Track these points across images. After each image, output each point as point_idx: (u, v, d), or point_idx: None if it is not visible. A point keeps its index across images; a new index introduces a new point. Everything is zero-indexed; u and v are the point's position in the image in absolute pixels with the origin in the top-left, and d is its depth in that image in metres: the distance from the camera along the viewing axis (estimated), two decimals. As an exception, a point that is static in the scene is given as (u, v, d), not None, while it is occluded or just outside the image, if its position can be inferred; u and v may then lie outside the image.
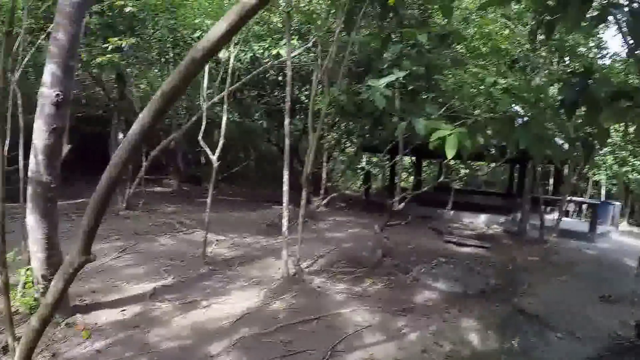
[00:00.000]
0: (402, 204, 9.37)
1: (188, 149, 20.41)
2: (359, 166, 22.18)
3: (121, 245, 9.24)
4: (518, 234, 13.37)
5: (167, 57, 15.12)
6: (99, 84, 13.44)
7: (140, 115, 2.40)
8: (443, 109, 7.68)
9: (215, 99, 10.43)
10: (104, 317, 5.87)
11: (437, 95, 9.31)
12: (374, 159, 22.88)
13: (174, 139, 14.54)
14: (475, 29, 14.38)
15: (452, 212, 14.46)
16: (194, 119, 13.51)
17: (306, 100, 16.57)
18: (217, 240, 10.03)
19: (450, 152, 5.29)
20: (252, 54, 12.11)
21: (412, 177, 27.51)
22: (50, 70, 4.97)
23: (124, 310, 6.12)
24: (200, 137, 8.91)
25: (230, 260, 8.81)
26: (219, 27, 2.14)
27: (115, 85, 14.00)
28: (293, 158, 18.31)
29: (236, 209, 14.28)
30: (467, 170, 23.98)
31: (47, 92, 5.01)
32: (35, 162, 5.24)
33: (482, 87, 10.49)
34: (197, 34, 11.64)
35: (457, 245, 11.43)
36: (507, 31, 13.93)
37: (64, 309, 5.70)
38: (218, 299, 6.72)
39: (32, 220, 5.37)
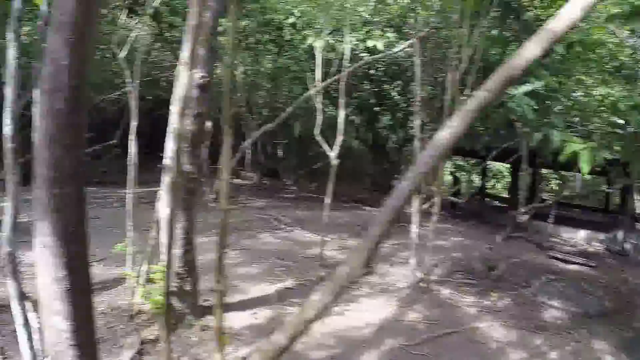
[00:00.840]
0: (527, 215, 8.99)
1: (265, 142, 20.21)
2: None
3: (223, 241, 9.12)
4: (622, 254, 12.65)
5: (247, 42, 14.59)
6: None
7: (453, 123, 2.25)
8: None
9: (312, 91, 9.16)
10: (236, 320, 5.68)
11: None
12: (459, 163, 22.21)
13: (267, 130, 14.38)
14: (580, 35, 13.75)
15: (551, 225, 13.83)
16: (289, 109, 13.27)
17: (396, 97, 16.02)
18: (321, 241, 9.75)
19: (585, 167, 5.01)
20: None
21: (498, 184, 26.83)
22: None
23: (255, 313, 5.94)
24: (317, 132, 8.55)
25: (344, 265, 8.53)
26: (533, 50, 2.20)
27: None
28: (382, 157, 17.99)
29: (321, 208, 14.03)
30: (560, 182, 23.08)
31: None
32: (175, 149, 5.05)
33: (607, 99, 10.06)
34: (291, 19, 11.23)
35: (561, 261, 10.89)
36: (614, 39, 13.26)
37: (194, 309, 5.49)
38: (348, 306, 6.46)
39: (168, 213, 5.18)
